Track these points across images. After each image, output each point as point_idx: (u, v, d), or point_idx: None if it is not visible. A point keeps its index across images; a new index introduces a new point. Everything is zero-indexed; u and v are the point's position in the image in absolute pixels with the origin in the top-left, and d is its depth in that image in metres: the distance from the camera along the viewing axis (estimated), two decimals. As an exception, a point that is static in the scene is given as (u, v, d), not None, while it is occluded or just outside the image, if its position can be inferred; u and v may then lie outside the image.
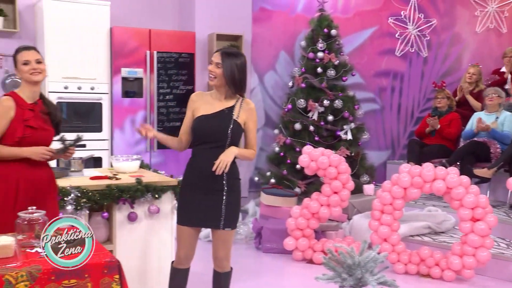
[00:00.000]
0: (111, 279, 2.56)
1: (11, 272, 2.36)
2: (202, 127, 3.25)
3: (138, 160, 4.45)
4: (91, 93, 5.97)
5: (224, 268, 3.41)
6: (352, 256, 2.72)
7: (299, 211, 5.36)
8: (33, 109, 3.23)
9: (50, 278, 2.43)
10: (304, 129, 6.70)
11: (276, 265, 5.25)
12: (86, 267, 2.51)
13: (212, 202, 3.26)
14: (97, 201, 3.72)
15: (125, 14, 6.57)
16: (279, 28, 7.56)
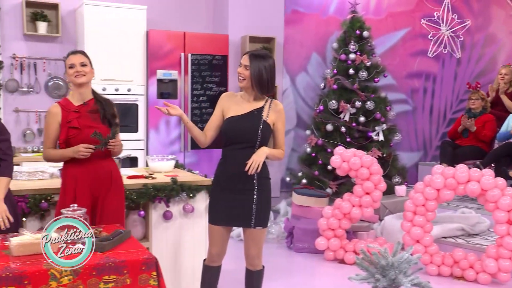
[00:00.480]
0: (148, 276, 2.60)
1: (55, 267, 2.42)
2: (232, 128, 3.28)
3: (173, 160, 4.49)
4: (128, 94, 6.07)
5: (256, 266, 3.43)
6: (386, 257, 2.71)
7: (330, 212, 5.34)
8: (79, 110, 3.31)
9: (91, 273, 2.48)
10: (336, 130, 6.68)
11: (307, 265, 5.24)
12: (125, 263, 2.55)
13: (243, 202, 3.29)
14: (134, 199, 3.78)
15: (161, 18, 6.66)
16: (311, 30, 7.56)
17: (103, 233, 2.91)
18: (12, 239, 2.57)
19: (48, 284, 2.39)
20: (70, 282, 2.44)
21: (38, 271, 2.40)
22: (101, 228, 2.98)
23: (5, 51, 6.00)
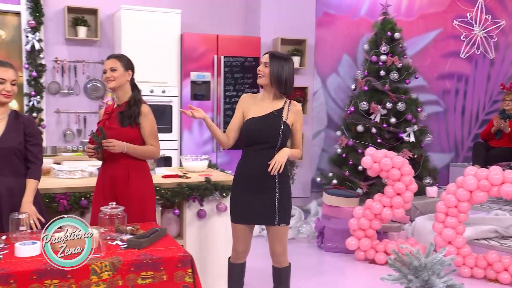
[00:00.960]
0: (184, 273, 2.63)
1: (96, 262, 2.48)
2: (254, 129, 3.31)
3: (207, 160, 4.53)
4: (162, 96, 6.15)
5: (282, 263, 3.45)
6: (418, 258, 2.69)
7: (361, 212, 5.31)
8: (110, 112, 3.39)
9: (130, 269, 2.53)
10: (366, 131, 6.64)
11: (338, 264, 5.23)
12: (161, 260, 2.60)
13: (265, 200, 3.31)
14: (169, 198, 3.83)
15: (195, 21, 6.72)
16: (342, 32, 7.53)
17: (140, 230, 2.95)
18: (56, 235, 2.61)
19: (89, 278, 2.46)
20: (110, 277, 2.50)
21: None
22: (138, 226, 3.02)
23: (48, 55, 6.16)
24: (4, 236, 2.80)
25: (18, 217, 2.79)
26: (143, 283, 2.56)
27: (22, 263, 2.45)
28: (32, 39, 5.98)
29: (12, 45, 6.18)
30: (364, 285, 4.74)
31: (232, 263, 3.50)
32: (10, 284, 2.34)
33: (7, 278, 2.34)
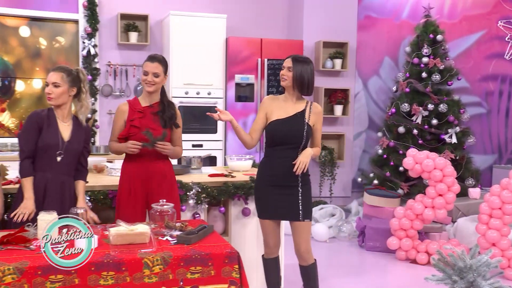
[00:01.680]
0: (231, 268, 2.67)
1: (148, 256, 2.55)
2: (278, 130, 3.36)
3: (251, 160, 4.57)
4: (208, 97, 6.23)
5: (308, 260, 3.47)
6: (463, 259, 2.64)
7: (402, 212, 5.25)
8: (143, 111, 3.40)
9: (179, 263, 2.58)
10: (408, 133, 6.56)
11: (379, 263, 5.19)
12: (209, 256, 2.64)
13: (289, 197, 3.37)
14: (215, 196, 3.88)
15: (239, 25, 6.78)
16: (383, 34, 7.45)
17: (189, 227, 3.00)
18: (111, 229, 2.72)
19: (142, 271, 2.52)
20: (161, 271, 2.55)
21: (134, 259, 2.53)
22: (186, 223, 3.08)
23: (102, 60, 6.34)
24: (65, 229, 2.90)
25: (76, 212, 2.89)
26: (192, 277, 2.60)
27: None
28: (88, 44, 6.17)
29: (70, 51, 6.40)
30: (405, 284, 4.69)
31: (266, 259, 3.55)
32: (71, 274, 2.43)
33: (68, 268, 2.44)
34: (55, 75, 3.11)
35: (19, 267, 2.39)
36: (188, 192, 3.80)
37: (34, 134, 3.11)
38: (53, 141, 3.12)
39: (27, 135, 3.13)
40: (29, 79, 6.32)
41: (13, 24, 6.23)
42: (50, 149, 3.12)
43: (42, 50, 6.34)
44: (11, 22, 6.22)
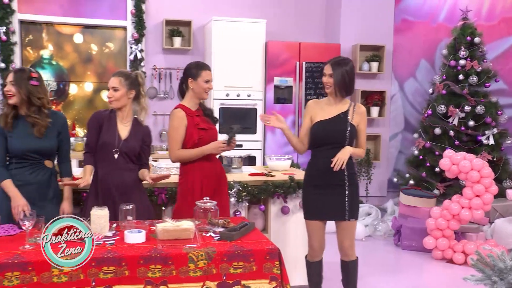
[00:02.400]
0: (272, 264, 2.68)
1: (193, 251, 2.59)
2: (322, 130, 3.34)
3: (289, 160, 4.58)
4: (248, 99, 6.27)
5: (351, 257, 3.45)
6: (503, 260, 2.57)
7: (439, 212, 5.17)
8: (198, 114, 3.46)
9: (223, 259, 2.61)
10: (444, 134, 6.44)
11: (415, 262, 5.12)
12: (251, 252, 2.66)
13: (336, 196, 3.34)
14: (256, 195, 3.90)
15: (278, 30, 6.79)
16: (420, 37, 7.33)
17: (231, 224, 3.03)
18: (158, 225, 2.78)
19: (187, 265, 2.57)
20: (205, 265, 2.59)
21: (180, 254, 2.57)
22: (228, 220, 3.11)
23: (147, 63, 6.46)
24: (115, 224, 2.98)
25: (126, 208, 2.96)
26: (235, 272, 2.63)
27: (131, 248, 2.60)
28: (135, 49, 6.30)
29: (118, 56, 6.55)
30: (441, 283, 4.62)
31: (310, 262, 3.52)
32: (122, 266, 2.50)
33: (119, 261, 2.50)
34: (114, 80, 3.22)
35: (75, 259, 2.47)
36: (230, 190, 3.83)
37: (95, 132, 3.23)
38: (110, 139, 3.21)
39: (89, 132, 3.27)
40: (81, 82, 6.51)
41: (68, 32, 6.42)
42: (107, 147, 3.21)
43: (93, 55, 6.51)
44: (66, 30, 6.41)
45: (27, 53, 6.33)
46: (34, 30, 6.32)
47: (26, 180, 3.11)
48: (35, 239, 2.67)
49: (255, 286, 2.65)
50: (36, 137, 3.09)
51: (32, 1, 6.21)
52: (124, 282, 2.50)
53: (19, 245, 2.62)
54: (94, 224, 2.82)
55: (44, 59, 6.38)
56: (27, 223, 2.63)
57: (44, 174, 3.16)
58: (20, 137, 3.08)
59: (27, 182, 3.11)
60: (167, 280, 2.55)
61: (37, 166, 3.14)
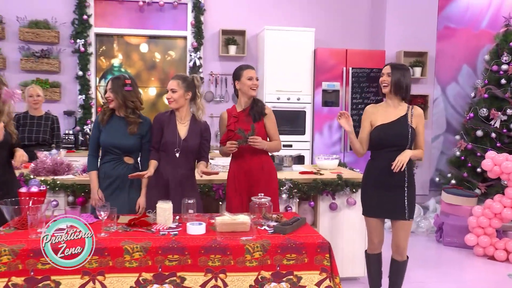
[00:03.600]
0: (323, 257, 2.64)
1: (249, 243, 2.59)
2: (384, 134, 3.25)
3: (337, 159, 4.52)
4: (297, 103, 6.23)
5: (403, 256, 3.36)
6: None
7: (481, 211, 4.99)
8: (237, 116, 3.47)
9: (277, 251, 2.60)
10: (485, 136, 6.20)
11: (456, 258, 4.95)
12: (303, 245, 2.62)
13: (395, 197, 3.24)
14: (306, 192, 3.88)
15: (326, 38, 6.73)
16: (462, 43, 7.08)
17: (284, 218, 3.02)
18: (217, 218, 2.79)
19: (244, 256, 2.57)
20: (260, 256, 2.58)
21: (237, 245, 2.58)
22: (281, 214, 3.10)
23: (205, 70, 6.54)
24: (178, 216, 3.03)
25: (188, 202, 3.00)
26: (288, 263, 2.61)
27: (193, 239, 2.63)
28: (194, 57, 6.39)
29: (179, 63, 6.66)
30: (482, 279, 4.44)
31: (369, 254, 3.45)
32: (185, 255, 2.53)
33: (183, 250, 2.53)
34: (173, 82, 3.27)
35: (144, 246, 2.52)
36: (281, 187, 3.82)
37: (158, 132, 3.29)
38: (171, 139, 3.26)
39: (153, 132, 3.31)
40: (146, 87, 6.65)
41: (135, 42, 6.59)
42: (169, 146, 3.26)
43: (157, 63, 6.65)
44: (134, 40, 6.58)
45: (100, 62, 6.54)
46: (107, 41, 6.52)
47: (108, 172, 3.24)
48: (109, 227, 2.76)
49: (306, 277, 2.62)
50: (121, 135, 3.21)
51: (106, 16, 6.41)
52: (187, 270, 2.53)
53: (96, 232, 2.70)
54: (159, 216, 2.87)
55: (114, 67, 6.57)
56: (102, 214, 2.72)
57: (123, 169, 3.24)
58: (109, 133, 3.22)
59: (108, 174, 3.23)
60: (226, 269, 2.55)
61: (118, 161, 3.24)
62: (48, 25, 6.17)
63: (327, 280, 2.62)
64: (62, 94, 6.31)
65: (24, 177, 3.57)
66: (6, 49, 6.17)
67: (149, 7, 6.46)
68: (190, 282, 2.53)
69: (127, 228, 2.79)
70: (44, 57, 6.16)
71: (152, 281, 2.50)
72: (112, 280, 2.48)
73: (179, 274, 2.52)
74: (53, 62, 6.17)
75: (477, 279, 4.46)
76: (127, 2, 6.42)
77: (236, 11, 6.60)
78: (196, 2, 6.42)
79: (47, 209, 2.96)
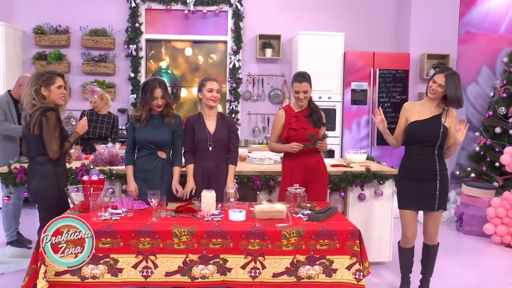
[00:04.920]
0: (353, 243, 2.59)
1: (286, 229, 2.55)
2: (418, 129, 3.13)
3: (365, 153, 4.41)
4: (328, 101, 6.11)
5: (434, 241, 3.26)
6: None
7: (499, 202, 4.79)
8: (297, 115, 3.37)
9: (311, 237, 2.56)
10: (504, 133, 5.93)
11: (475, 246, 4.77)
12: (335, 232, 2.57)
13: (427, 189, 3.12)
14: (336, 183, 3.79)
15: (355, 41, 6.58)
16: (482, 47, 6.78)
17: (317, 207, 2.97)
18: (256, 206, 2.76)
19: (281, 241, 2.54)
20: (296, 241, 2.54)
21: (275, 231, 2.55)
22: (315, 204, 3.05)
23: (243, 71, 6.50)
24: (220, 204, 3.01)
25: (229, 191, 2.98)
26: (321, 248, 2.57)
27: (234, 225, 2.61)
28: (234, 60, 6.36)
29: (219, 65, 6.64)
30: (499, 266, 4.26)
31: (403, 248, 3.32)
32: (227, 239, 2.51)
33: (225, 234, 2.52)
34: (216, 84, 3.27)
35: (191, 231, 2.52)
36: (314, 178, 3.74)
37: (190, 134, 3.24)
38: (203, 136, 3.23)
39: (185, 136, 3.26)
40: (190, 87, 6.67)
41: (181, 46, 6.61)
42: (202, 142, 3.23)
43: (200, 65, 6.65)
44: (180, 45, 6.60)
45: (150, 65, 6.59)
46: (156, 46, 6.56)
47: (143, 166, 3.19)
48: (159, 213, 2.76)
49: (338, 261, 2.58)
50: (156, 131, 3.17)
51: (155, 24, 6.45)
52: (229, 252, 2.52)
53: (148, 217, 2.72)
54: (203, 203, 2.86)
55: (162, 69, 6.61)
56: (153, 201, 2.72)
57: (158, 163, 3.19)
58: (145, 130, 3.18)
59: (143, 168, 3.18)
60: (264, 253, 2.53)
61: (152, 155, 3.20)
62: (105, 32, 6.27)
63: (357, 264, 2.58)
64: (116, 93, 6.40)
65: (86, 167, 3.62)
66: (71, 55, 6.32)
67: (193, 15, 6.47)
68: (232, 263, 2.52)
69: (175, 214, 2.79)
70: (101, 61, 6.26)
71: (197, 262, 2.50)
72: (163, 260, 2.50)
73: (222, 256, 2.51)
74: (109, 65, 6.26)
75: (494, 265, 4.29)
76: (174, 11, 6.44)
77: (272, 17, 6.52)
78: (235, 10, 6.38)
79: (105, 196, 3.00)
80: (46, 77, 3.00)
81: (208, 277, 2.50)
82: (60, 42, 6.21)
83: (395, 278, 3.73)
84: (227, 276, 2.51)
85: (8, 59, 5.87)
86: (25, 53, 6.26)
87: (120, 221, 2.63)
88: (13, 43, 6.00)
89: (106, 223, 2.55)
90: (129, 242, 2.47)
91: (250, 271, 2.51)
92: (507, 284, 3.73)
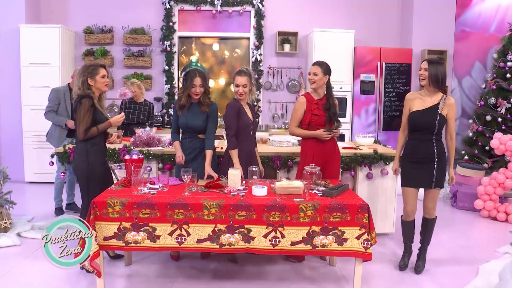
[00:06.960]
0: (362, 216, 2.50)
1: (303, 204, 2.46)
2: (416, 119, 3.00)
3: (373, 137, 4.25)
4: (340, 91, 5.91)
5: (432, 215, 3.14)
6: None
7: (488, 181, 4.61)
8: (317, 103, 3.20)
9: (325, 210, 2.47)
10: (493, 120, 5.71)
11: (466, 219, 4.60)
12: (347, 206, 2.47)
13: (426, 169, 3.01)
14: (347, 163, 3.66)
15: (364, 37, 6.33)
16: (475, 44, 6.48)
17: (330, 184, 2.86)
18: (276, 183, 2.68)
19: (298, 214, 2.45)
20: (312, 214, 2.46)
21: (293, 205, 2.46)
22: (328, 181, 2.94)
23: (265, 64, 6.33)
24: (244, 181, 2.92)
25: (253, 169, 2.88)
26: (334, 220, 2.48)
27: (257, 199, 2.53)
28: (256, 54, 6.19)
29: (243, 58, 6.48)
30: (487, 236, 4.12)
31: (404, 221, 3.20)
32: (251, 212, 2.43)
33: (249, 207, 2.44)
34: (243, 79, 3.06)
35: (219, 204, 2.44)
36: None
37: (236, 119, 3.06)
38: (247, 121, 3.11)
39: (232, 120, 3.05)
40: (217, 78, 6.55)
41: (209, 42, 6.46)
42: (247, 127, 3.10)
43: (226, 58, 6.50)
44: (208, 41, 6.46)
45: (181, 59, 6.48)
46: (187, 42, 6.44)
47: (186, 145, 3.15)
48: (191, 188, 2.68)
49: (349, 231, 2.50)
50: (194, 118, 3.08)
51: (186, 22, 6.32)
52: (252, 223, 2.44)
53: (181, 191, 2.65)
54: (230, 180, 2.78)
55: (192, 63, 6.49)
56: (186, 177, 2.64)
57: (197, 143, 3.14)
58: (186, 117, 3.11)
59: (187, 147, 3.15)
60: (284, 224, 2.45)
61: (193, 137, 3.14)
62: (143, 31, 6.18)
63: (365, 234, 2.50)
64: (153, 84, 6.33)
65: (127, 148, 3.57)
66: (114, 51, 6.26)
67: (220, 15, 6.30)
68: (255, 233, 2.44)
69: (205, 189, 2.72)
70: (140, 56, 6.19)
71: (225, 231, 2.43)
72: (194, 229, 2.43)
73: (246, 226, 2.44)
74: (146, 59, 6.18)
75: (482, 235, 4.16)
76: (203, 11, 6.29)
77: (290, 16, 6.30)
78: (257, 10, 6.18)
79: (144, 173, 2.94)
80: (91, 69, 2.92)
81: (234, 244, 2.43)
82: (105, 40, 6.17)
83: (397, 247, 3.61)
84: (251, 244, 2.43)
85: (63, 56, 5.88)
86: (76, 50, 6.24)
87: (157, 194, 2.57)
88: (67, 42, 5.99)
89: (145, 196, 2.50)
90: (165, 213, 2.42)
91: (271, 240, 2.44)
92: (492, 250, 3.62)
